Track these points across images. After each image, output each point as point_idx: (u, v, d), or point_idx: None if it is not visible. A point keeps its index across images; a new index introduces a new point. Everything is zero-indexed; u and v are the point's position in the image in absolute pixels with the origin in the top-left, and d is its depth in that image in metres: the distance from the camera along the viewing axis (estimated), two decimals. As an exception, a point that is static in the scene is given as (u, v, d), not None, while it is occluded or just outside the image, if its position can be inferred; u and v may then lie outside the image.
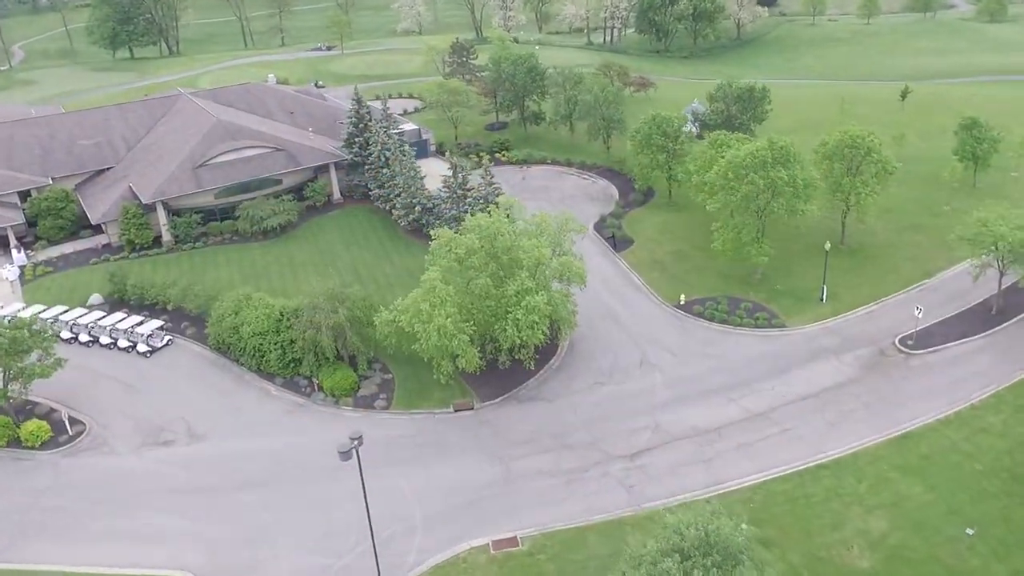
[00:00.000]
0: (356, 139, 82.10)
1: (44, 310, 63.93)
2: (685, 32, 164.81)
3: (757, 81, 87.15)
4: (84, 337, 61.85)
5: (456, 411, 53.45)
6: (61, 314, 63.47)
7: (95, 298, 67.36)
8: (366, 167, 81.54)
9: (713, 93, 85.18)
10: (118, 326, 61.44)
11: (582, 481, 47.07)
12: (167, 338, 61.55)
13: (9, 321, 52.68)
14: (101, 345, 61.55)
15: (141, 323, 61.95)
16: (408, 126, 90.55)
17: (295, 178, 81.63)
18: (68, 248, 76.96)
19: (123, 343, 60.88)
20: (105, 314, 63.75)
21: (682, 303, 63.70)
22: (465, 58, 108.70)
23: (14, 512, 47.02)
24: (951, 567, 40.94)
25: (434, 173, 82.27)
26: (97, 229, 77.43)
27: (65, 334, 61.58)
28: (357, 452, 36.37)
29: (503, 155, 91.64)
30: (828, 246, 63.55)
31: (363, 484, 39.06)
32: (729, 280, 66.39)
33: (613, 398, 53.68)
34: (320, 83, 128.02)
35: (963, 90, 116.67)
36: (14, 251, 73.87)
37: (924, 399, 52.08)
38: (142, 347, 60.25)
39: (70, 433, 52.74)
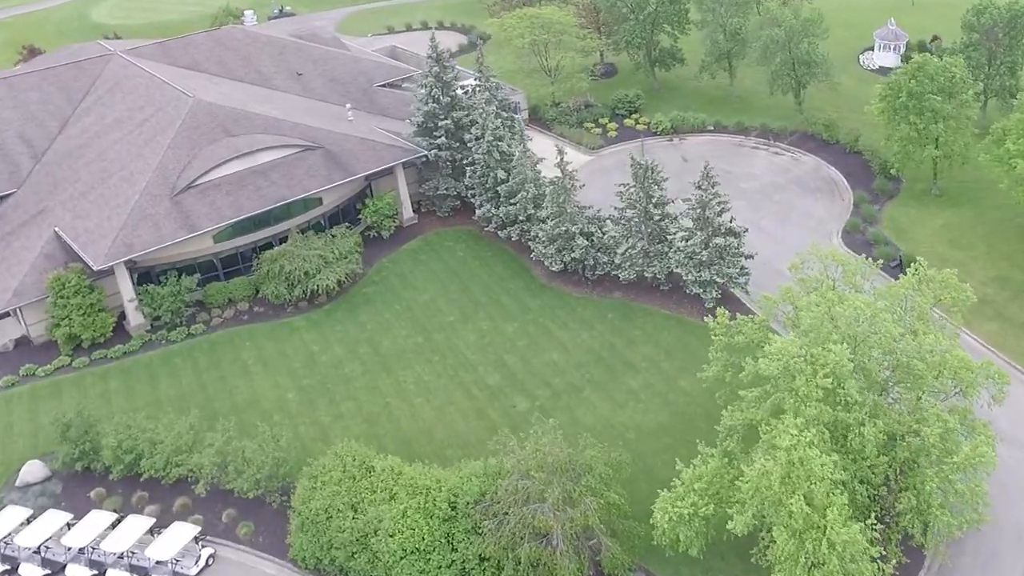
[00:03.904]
0: (439, 121, 54.19)
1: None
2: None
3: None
4: (32, 570, 37.87)
5: (823, 672, 34.69)
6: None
7: (33, 471, 42.57)
8: (466, 167, 53.91)
9: (970, 18, 62.58)
10: (104, 546, 36.52)
11: None
12: (207, 553, 34.86)
13: None
14: (71, 584, 37.53)
15: (154, 532, 34.65)
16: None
17: (339, 192, 53.65)
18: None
19: (116, 576, 34.82)
20: (72, 518, 36.46)
21: (1080, 388, 44.52)
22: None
23: None
24: None
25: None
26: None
27: (-9, 566, 37.96)
28: None
29: (635, 120, 66.86)
30: None
31: None
32: (1113, 328, 48.58)
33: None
34: (286, 8, 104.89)
35: None
36: None
37: None
38: (161, 581, 34.49)
39: None
